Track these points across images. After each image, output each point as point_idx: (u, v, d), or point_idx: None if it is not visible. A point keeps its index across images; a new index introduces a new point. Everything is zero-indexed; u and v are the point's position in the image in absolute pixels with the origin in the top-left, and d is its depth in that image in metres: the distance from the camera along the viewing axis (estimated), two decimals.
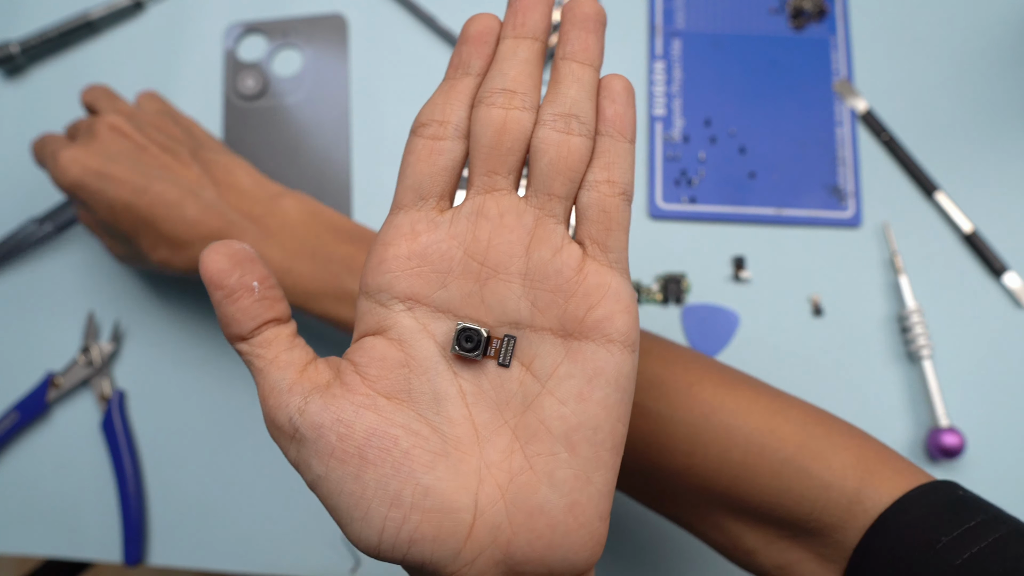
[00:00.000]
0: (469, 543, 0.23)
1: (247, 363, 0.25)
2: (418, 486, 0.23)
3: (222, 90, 0.56)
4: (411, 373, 0.24)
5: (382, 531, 0.23)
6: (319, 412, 0.23)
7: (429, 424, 0.24)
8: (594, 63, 0.26)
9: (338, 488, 0.23)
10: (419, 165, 0.25)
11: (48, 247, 0.54)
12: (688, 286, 0.51)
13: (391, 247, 0.25)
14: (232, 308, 0.24)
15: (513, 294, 0.25)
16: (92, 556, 0.49)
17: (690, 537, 0.47)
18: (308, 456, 0.23)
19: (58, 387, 0.51)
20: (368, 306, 0.25)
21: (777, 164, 0.53)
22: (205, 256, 0.24)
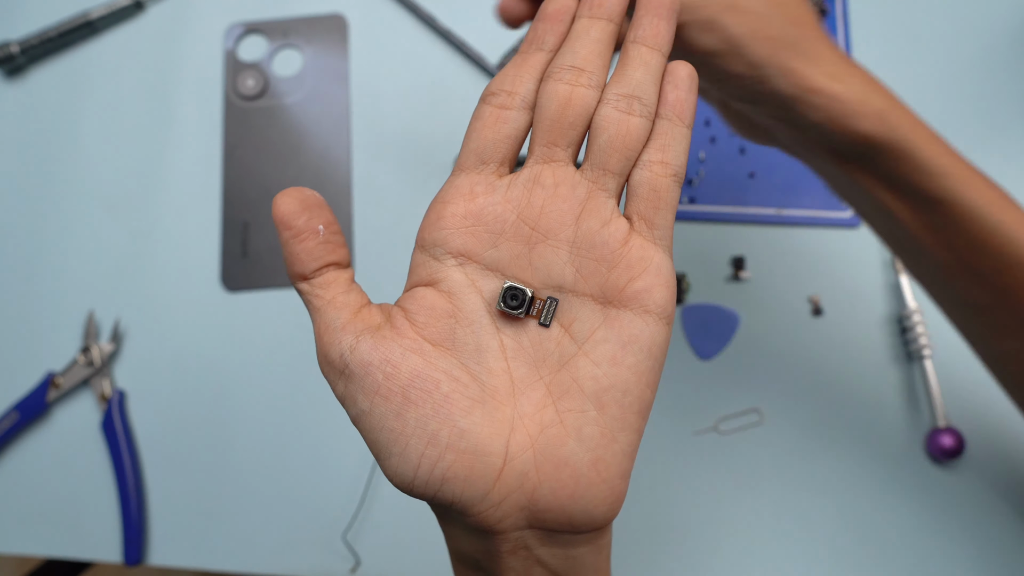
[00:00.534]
0: (497, 486, 0.24)
1: (306, 302, 0.26)
2: (455, 428, 0.24)
3: (222, 90, 0.56)
4: (457, 324, 0.26)
5: (417, 467, 0.24)
6: (369, 351, 0.25)
7: (470, 372, 0.25)
8: (662, 48, 0.27)
9: (380, 424, 0.24)
10: (484, 131, 0.27)
11: (48, 247, 0.54)
12: (688, 286, 0.51)
13: (449, 205, 0.26)
14: (298, 248, 0.25)
15: (559, 259, 0.26)
16: (92, 556, 0.49)
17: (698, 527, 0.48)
18: (355, 391, 0.25)
19: (58, 387, 0.51)
20: (422, 259, 0.27)
21: (777, 164, 0.53)
22: (278, 199, 0.25)
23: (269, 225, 0.54)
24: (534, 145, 0.27)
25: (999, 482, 0.48)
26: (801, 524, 0.48)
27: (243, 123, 0.56)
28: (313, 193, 0.26)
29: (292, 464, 0.50)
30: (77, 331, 0.52)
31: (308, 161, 0.55)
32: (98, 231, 0.54)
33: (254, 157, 0.55)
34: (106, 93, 0.57)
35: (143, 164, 0.55)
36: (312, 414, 0.51)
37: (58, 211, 0.55)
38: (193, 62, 0.57)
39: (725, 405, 0.49)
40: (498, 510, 0.24)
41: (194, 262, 0.53)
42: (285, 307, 0.52)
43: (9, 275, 0.54)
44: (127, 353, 0.52)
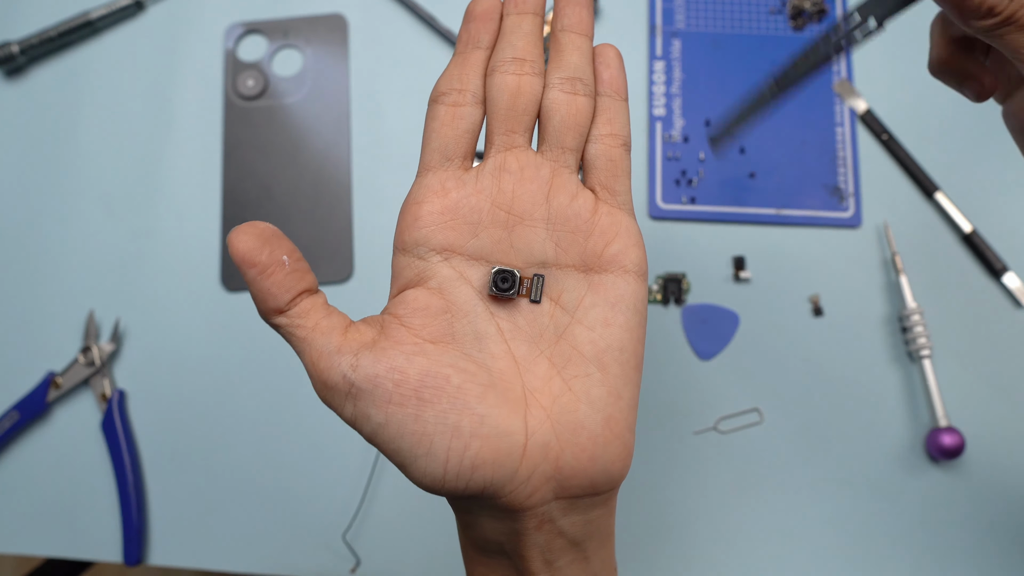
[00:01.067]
0: (524, 461, 0.25)
1: (287, 336, 0.26)
2: (474, 415, 0.25)
3: (222, 90, 0.56)
4: (453, 317, 0.27)
5: (447, 461, 0.24)
6: (373, 364, 0.25)
7: (474, 361, 0.26)
8: (588, 33, 0.29)
9: (399, 431, 0.24)
10: (443, 130, 0.28)
11: (48, 247, 0.54)
12: (688, 286, 0.51)
13: (424, 204, 0.27)
14: (267, 283, 0.25)
15: (538, 237, 0.27)
16: (92, 556, 0.49)
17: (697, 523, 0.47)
18: (366, 407, 0.25)
19: (58, 387, 0.51)
20: (406, 261, 0.27)
21: (777, 164, 0.53)
22: (234, 238, 0.25)
23: None
24: (492, 136, 0.28)
25: (999, 482, 0.48)
26: (801, 523, 0.48)
27: (243, 123, 0.56)
28: (267, 225, 0.26)
29: (292, 464, 0.50)
30: (77, 331, 0.52)
31: (308, 161, 0.55)
32: (98, 231, 0.54)
33: (254, 157, 0.55)
34: (106, 93, 0.57)
35: (143, 164, 0.55)
36: (312, 414, 0.51)
37: (58, 211, 0.55)
38: (193, 62, 0.57)
39: (725, 405, 0.49)
40: (527, 485, 0.25)
41: (194, 262, 0.53)
42: None
43: (9, 275, 0.54)
44: (127, 353, 0.52)
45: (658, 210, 0.52)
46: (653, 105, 0.54)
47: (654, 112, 0.54)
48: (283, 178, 0.54)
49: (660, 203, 0.53)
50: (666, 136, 0.54)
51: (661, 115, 0.54)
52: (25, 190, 0.55)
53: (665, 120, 0.54)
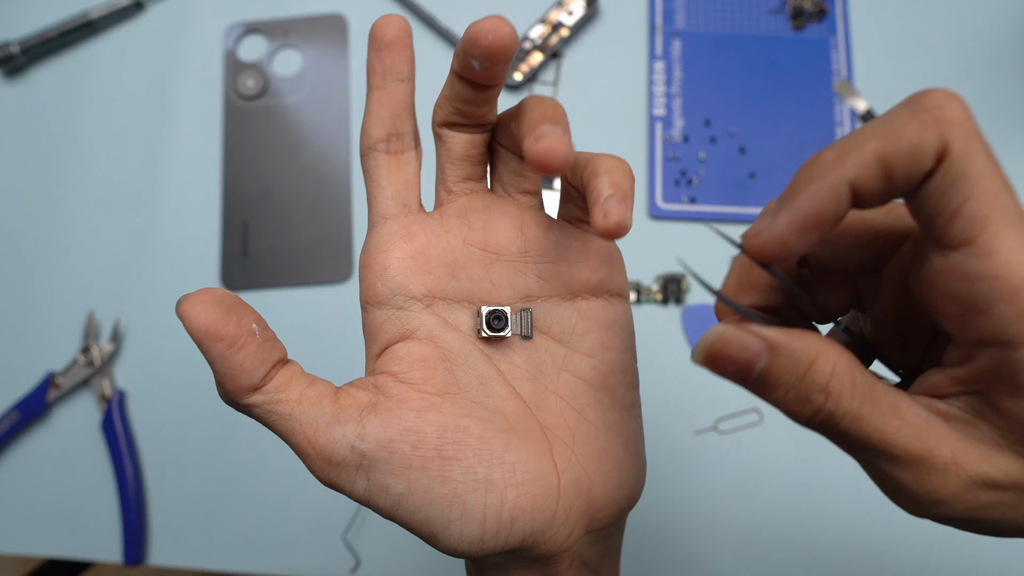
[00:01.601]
0: (560, 502, 0.24)
1: (267, 415, 0.22)
2: (504, 464, 0.23)
3: (222, 90, 0.56)
4: (453, 366, 0.25)
5: (484, 520, 0.23)
6: (383, 428, 0.22)
7: (487, 407, 0.25)
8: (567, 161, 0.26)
9: (426, 497, 0.22)
10: (394, 176, 0.26)
11: (48, 247, 0.54)
12: (688, 286, 0.51)
13: (392, 251, 0.25)
14: (238, 358, 0.21)
15: (519, 272, 0.26)
16: (92, 556, 0.49)
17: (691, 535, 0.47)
18: (383, 478, 0.22)
19: (58, 387, 0.51)
20: (384, 315, 0.25)
21: (777, 164, 0.53)
22: (189, 310, 0.21)
23: (269, 225, 0.54)
24: (448, 182, 0.26)
25: None
26: (801, 523, 0.48)
27: (243, 123, 0.56)
28: (225, 291, 0.22)
29: (292, 464, 0.50)
30: (77, 331, 0.52)
31: (308, 161, 0.55)
32: (98, 231, 0.54)
33: (254, 157, 0.55)
34: (106, 93, 0.57)
35: (143, 164, 0.55)
36: None
37: (58, 211, 0.55)
38: (193, 62, 0.57)
39: (725, 405, 0.49)
40: (565, 527, 0.24)
41: (194, 262, 0.53)
42: (285, 307, 0.52)
43: (9, 275, 0.54)
44: (127, 353, 0.52)
45: (658, 210, 0.52)
46: (653, 105, 0.54)
47: (654, 112, 0.54)
48: (283, 178, 0.54)
49: (660, 203, 0.53)
50: (666, 136, 0.54)
51: (661, 115, 0.54)
52: (25, 190, 0.55)
53: (665, 120, 0.54)
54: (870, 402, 0.19)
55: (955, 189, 0.17)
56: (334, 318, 0.52)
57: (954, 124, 0.17)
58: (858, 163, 0.18)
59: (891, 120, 0.18)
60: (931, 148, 0.17)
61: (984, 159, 0.17)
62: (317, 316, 0.52)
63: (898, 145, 0.17)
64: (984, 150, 0.17)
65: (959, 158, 0.17)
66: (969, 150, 0.17)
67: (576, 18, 0.56)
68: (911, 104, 0.18)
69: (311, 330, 0.52)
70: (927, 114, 0.17)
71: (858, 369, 0.19)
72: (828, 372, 0.19)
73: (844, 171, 0.18)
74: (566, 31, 0.55)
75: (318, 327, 0.52)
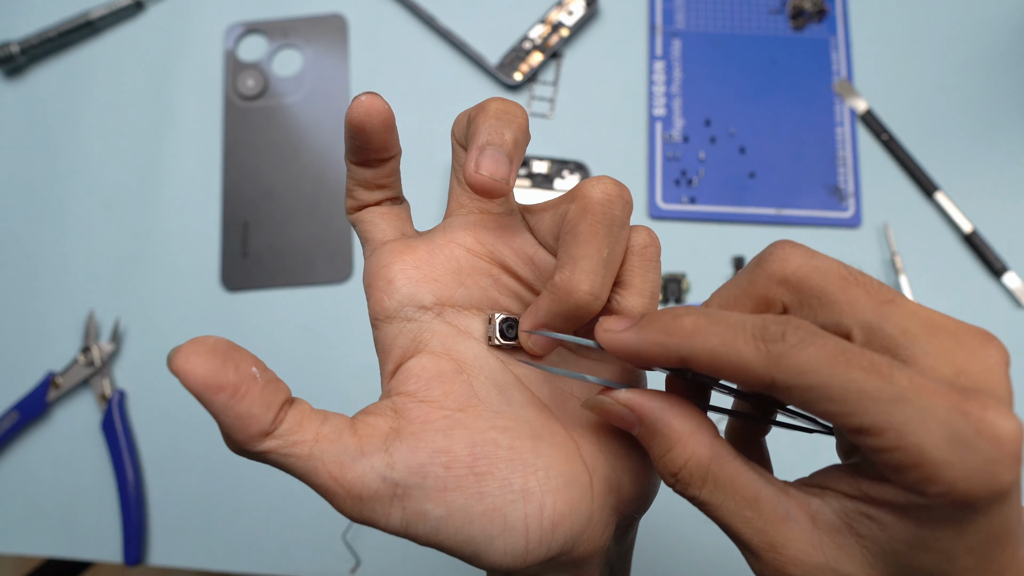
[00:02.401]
0: (595, 501, 0.24)
1: (284, 460, 0.21)
2: (538, 471, 0.23)
3: (222, 90, 0.56)
4: (470, 377, 0.24)
5: (527, 530, 0.22)
6: (412, 454, 0.22)
7: (510, 416, 0.24)
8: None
9: (466, 517, 0.22)
10: (387, 217, 0.26)
11: (48, 247, 0.54)
12: (688, 286, 0.51)
13: (395, 264, 0.25)
14: (243, 405, 0.20)
15: (530, 275, 0.25)
16: (92, 556, 0.49)
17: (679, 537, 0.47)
18: (420, 504, 0.21)
19: (58, 387, 0.51)
20: (395, 328, 0.24)
21: (777, 164, 0.53)
22: (184, 365, 0.20)
23: (269, 225, 0.54)
24: (460, 197, 0.26)
25: None
26: None
27: (243, 123, 0.56)
28: (217, 338, 0.21)
29: None
30: (77, 331, 0.52)
31: (308, 161, 0.55)
32: (98, 231, 0.54)
33: (254, 157, 0.55)
34: (106, 93, 0.57)
35: (143, 164, 0.55)
36: None
37: (58, 211, 0.55)
38: (193, 62, 0.57)
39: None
40: (600, 525, 0.24)
41: (194, 262, 0.53)
42: (285, 307, 0.52)
43: (9, 275, 0.54)
44: (127, 353, 0.52)
45: (658, 210, 0.52)
46: (653, 105, 0.54)
47: (654, 112, 0.54)
48: (283, 178, 0.54)
49: (660, 203, 0.53)
50: (666, 136, 0.54)
51: (661, 115, 0.54)
52: (25, 190, 0.55)
53: (665, 120, 0.54)
54: (723, 493, 0.21)
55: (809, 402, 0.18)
56: (334, 318, 0.52)
57: (793, 369, 0.18)
58: (693, 351, 0.20)
59: (743, 327, 0.19)
60: (758, 380, 0.19)
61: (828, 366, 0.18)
62: (317, 316, 0.52)
63: (728, 360, 0.19)
64: (818, 366, 0.18)
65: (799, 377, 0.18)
66: (804, 373, 0.18)
67: (576, 18, 0.56)
68: (765, 328, 0.19)
69: (311, 330, 0.52)
70: (773, 344, 0.18)
71: (722, 459, 0.21)
72: (680, 463, 0.21)
73: (679, 347, 0.20)
74: (566, 31, 0.55)
75: (318, 327, 0.52)
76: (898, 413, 0.17)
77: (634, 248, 0.24)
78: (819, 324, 0.20)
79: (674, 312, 0.21)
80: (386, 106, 0.24)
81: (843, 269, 0.20)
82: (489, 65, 0.55)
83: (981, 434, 0.17)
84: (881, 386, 0.17)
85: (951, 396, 0.17)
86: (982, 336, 0.19)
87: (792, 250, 0.21)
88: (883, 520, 0.19)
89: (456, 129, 0.26)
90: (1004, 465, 0.17)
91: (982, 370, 0.19)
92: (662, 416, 0.22)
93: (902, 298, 0.20)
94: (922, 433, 0.17)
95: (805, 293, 0.21)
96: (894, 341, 0.19)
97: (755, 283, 0.21)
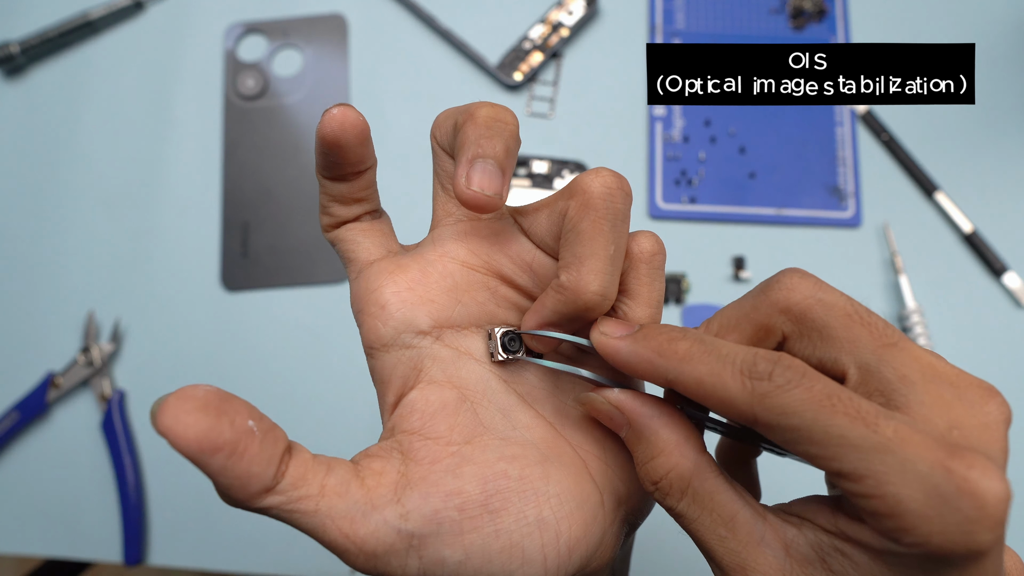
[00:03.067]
0: (607, 518, 0.23)
1: (288, 516, 0.20)
2: (550, 498, 0.22)
3: (222, 90, 0.56)
4: (474, 404, 0.23)
5: (545, 560, 0.22)
6: (424, 501, 0.21)
7: (516, 442, 0.23)
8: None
9: (485, 556, 0.21)
10: (369, 233, 0.25)
11: (48, 247, 0.54)
12: (688, 286, 0.51)
13: (386, 287, 0.23)
14: (243, 465, 0.19)
15: (528, 284, 0.24)
16: (92, 556, 0.49)
17: None
18: (437, 551, 0.21)
19: (58, 387, 0.51)
20: (394, 358, 0.23)
21: (777, 164, 0.53)
22: (172, 425, 0.18)
23: (269, 225, 0.54)
24: (447, 205, 0.25)
25: None
26: None
27: (243, 123, 0.56)
28: (207, 388, 0.19)
29: None
30: (77, 331, 0.52)
31: (308, 161, 0.55)
32: (98, 231, 0.54)
33: (254, 157, 0.55)
34: (106, 93, 0.57)
35: (143, 164, 0.55)
36: (311, 413, 0.51)
37: (58, 211, 0.55)
38: (193, 62, 0.57)
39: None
40: (612, 539, 0.24)
41: (194, 262, 0.53)
42: (285, 307, 0.52)
43: (9, 275, 0.54)
44: (127, 353, 0.52)
45: (658, 210, 0.52)
46: (653, 105, 0.54)
47: (654, 112, 0.54)
48: (283, 178, 0.54)
49: (660, 203, 0.53)
50: (666, 136, 0.54)
51: (661, 115, 0.54)
52: (25, 190, 0.55)
53: (665, 120, 0.54)
54: (700, 508, 0.21)
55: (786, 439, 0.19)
56: (334, 318, 0.52)
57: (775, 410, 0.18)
58: (680, 376, 0.20)
59: (732, 360, 0.19)
60: (741, 415, 0.19)
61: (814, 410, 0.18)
62: (317, 316, 0.52)
63: (713, 391, 0.19)
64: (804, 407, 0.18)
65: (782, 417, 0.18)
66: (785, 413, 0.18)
67: (576, 18, 0.56)
68: (754, 364, 0.19)
69: (311, 330, 0.52)
70: (759, 382, 0.19)
71: (705, 474, 0.21)
72: (662, 473, 0.21)
73: (668, 370, 0.20)
74: (566, 31, 0.55)
75: (318, 327, 0.52)
76: (879, 462, 0.17)
77: (642, 256, 0.23)
78: (817, 358, 0.21)
79: (671, 334, 0.21)
80: (361, 118, 0.22)
81: (849, 306, 0.20)
82: (489, 65, 0.55)
83: (962, 492, 0.17)
84: (865, 434, 0.17)
85: (936, 451, 0.17)
86: (984, 390, 0.19)
87: (800, 280, 0.21)
88: (856, 559, 0.19)
89: (437, 131, 0.24)
90: (983, 526, 0.17)
91: (978, 426, 0.19)
92: (650, 423, 0.21)
93: (906, 342, 0.20)
94: (900, 484, 0.17)
95: (807, 325, 0.21)
96: (890, 386, 0.19)
97: (758, 308, 0.21)
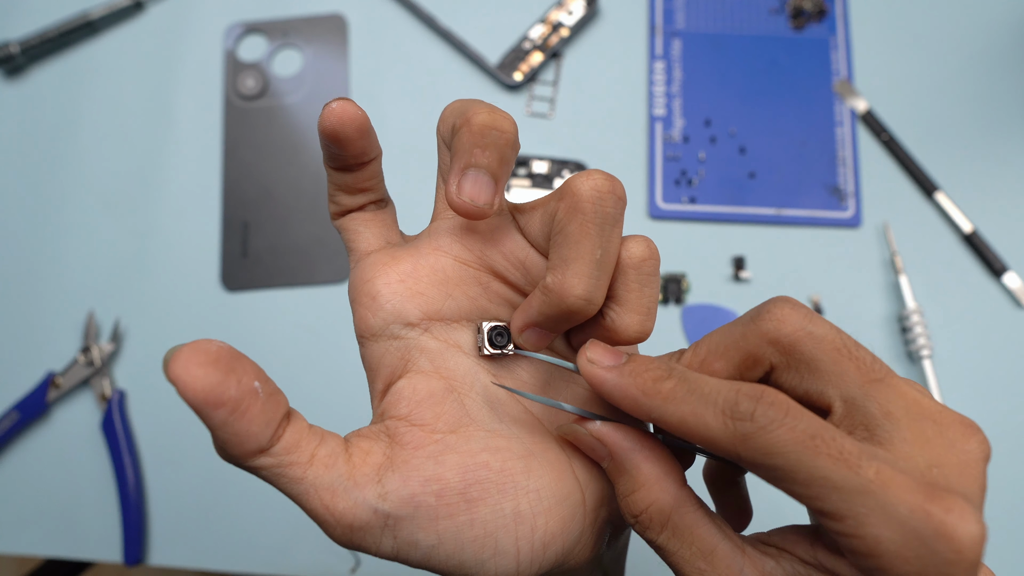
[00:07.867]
0: (587, 517, 0.24)
1: (275, 478, 0.21)
2: (529, 492, 0.23)
3: (222, 90, 0.56)
4: (461, 395, 0.24)
5: (518, 553, 0.22)
6: (403, 484, 0.21)
7: (501, 434, 0.24)
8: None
9: (458, 544, 0.22)
10: (371, 223, 0.26)
11: (48, 247, 0.54)
12: (688, 286, 0.51)
13: (378, 279, 0.24)
14: (243, 423, 0.19)
15: (519, 280, 0.25)
16: (92, 556, 0.49)
17: None
18: (411, 534, 0.21)
19: (58, 387, 0.51)
20: (382, 347, 0.24)
21: (777, 164, 0.53)
22: (182, 374, 0.18)
23: (269, 225, 0.54)
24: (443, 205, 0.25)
25: (999, 483, 0.48)
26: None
27: (243, 123, 0.56)
28: (219, 345, 0.19)
29: None
30: (77, 331, 0.52)
31: (308, 161, 0.55)
32: (98, 231, 0.54)
33: (254, 157, 0.55)
34: (106, 93, 0.57)
35: (143, 164, 0.55)
36: (311, 413, 0.51)
37: (58, 211, 0.55)
38: (193, 62, 0.57)
39: None
40: (592, 537, 0.24)
41: (194, 262, 0.53)
42: (285, 307, 0.52)
43: (9, 275, 0.54)
44: (127, 353, 0.52)
45: (658, 210, 0.52)
46: (653, 105, 0.54)
47: (654, 112, 0.54)
48: (283, 178, 0.54)
49: (660, 203, 0.53)
50: (666, 136, 0.54)
51: (661, 115, 0.54)
52: (25, 190, 0.55)
53: (665, 120, 0.54)
54: (680, 542, 0.21)
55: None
56: (334, 318, 0.52)
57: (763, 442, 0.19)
58: (663, 416, 0.20)
59: (714, 401, 0.19)
60: (725, 453, 0.19)
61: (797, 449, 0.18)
62: (317, 316, 0.52)
63: (695, 431, 0.20)
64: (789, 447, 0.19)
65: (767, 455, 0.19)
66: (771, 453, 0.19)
67: (576, 18, 0.56)
68: (736, 404, 0.19)
69: (311, 330, 0.52)
70: (741, 422, 0.19)
71: (684, 508, 0.21)
72: (642, 507, 0.21)
73: (651, 408, 0.20)
74: (566, 31, 0.55)
75: (318, 327, 0.52)
76: (860, 504, 0.18)
77: (631, 261, 0.23)
78: (803, 390, 0.21)
79: (656, 373, 0.21)
80: (360, 112, 0.23)
81: (838, 339, 0.21)
82: (489, 65, 0.55)
83: (940, 536, 0.17)
84: (847, 476, 0.18)
85: (915, 494, 0.17)
86: (965, 427, 0.20)
87: (791, 312, 0.21)
88: None
89: (442, 127, 0.24)
90: (959, 568, 0.17)
91: (958, 464, 0.19)
92: (632, 456, 0.22)
93: (893, 377, 0.20)
94: (880, 526, 0.17)
95: (795, 357, 0.21)
96: (874, 421, 0.20)
97: (747, 337, 0.21)
